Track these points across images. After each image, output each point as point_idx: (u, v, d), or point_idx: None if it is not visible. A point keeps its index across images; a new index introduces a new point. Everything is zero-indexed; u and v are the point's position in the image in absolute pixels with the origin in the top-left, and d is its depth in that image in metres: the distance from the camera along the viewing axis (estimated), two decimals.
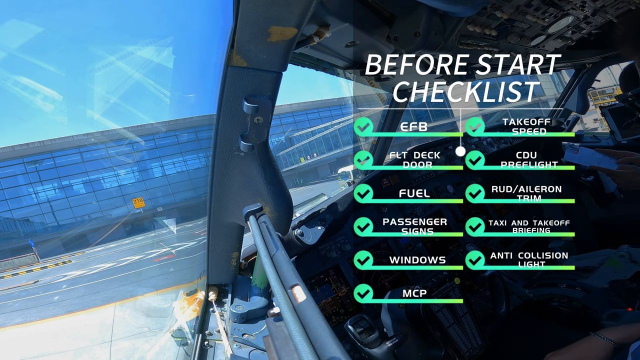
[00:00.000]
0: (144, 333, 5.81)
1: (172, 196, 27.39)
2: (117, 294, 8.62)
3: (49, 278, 13.87)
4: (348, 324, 1.26)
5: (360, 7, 1.03)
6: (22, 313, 8.79)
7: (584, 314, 1.43)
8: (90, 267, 14.35)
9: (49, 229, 24.87)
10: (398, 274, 1.87)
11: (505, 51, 1.52)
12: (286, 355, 0.93)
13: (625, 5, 1.60)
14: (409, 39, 1.04)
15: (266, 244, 0.84)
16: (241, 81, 0.85)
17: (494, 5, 1.19)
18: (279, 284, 0.70)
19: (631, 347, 0.96)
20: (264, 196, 1.05)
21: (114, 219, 25.71)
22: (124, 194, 26.36)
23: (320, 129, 29.90)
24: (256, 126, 0.92)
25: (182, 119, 27.33)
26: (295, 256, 1.66)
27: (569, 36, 1.73)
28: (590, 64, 2.41)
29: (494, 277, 1.50)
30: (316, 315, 0.61)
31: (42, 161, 25.29)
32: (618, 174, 1.47)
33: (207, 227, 1.18)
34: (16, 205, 24.74)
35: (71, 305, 8.66)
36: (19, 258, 20.44)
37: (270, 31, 0.76)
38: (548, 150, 2.06)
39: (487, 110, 11.12)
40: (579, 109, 2.55)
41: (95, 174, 26.42)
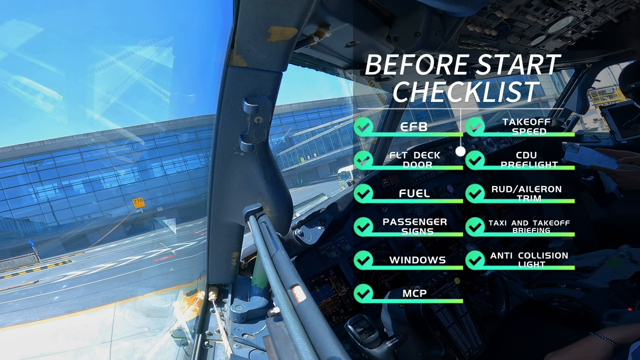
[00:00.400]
0: (144, 333, 5.81)
1: (172, 196, 27.39)
2: (117, 294, 8.62)
3: (49, 278, 13.87)
4: (348, 324, 1.26)
5: (360, 7, 1.03)
6: (22, 313, 8.79)
7: (584, 314, 1.43)
8: (90, 267, 14.35)
9: (49, 229, 24.87)
10: (398, 274, 1.87)
11: (505, 51, 1.52)
12: (286, 355, 0.93)
13: (625, 5, 1.60)
14: (409, 39, 1.04)
15: (266, 244, 0.84)
16: (241, 81, 0.85)
17: (494, 5, 1.19)
18: (279, 284, 0.70)
19: (631, 347, 0.96)
20: (264, 196, 1.04)
21: (114, 219, 25.71)
22: (124, 194, 26.36)
23: (320, 129, 29.90)
24: (256, 126, 0.92)
25: (182, 119, 27.36)
26: (295, 256, 1.66)
27: (569, 36, 1.73)
28: (590, 64, 2.41)
29: (494, 277, 1.50)
30: (316, 315, 0.61)
31: (42, 161, 25.29)
32: (618, 174, 1.47)
33: (207, 227, 1.18)
34: (16, 205, 24.73)
35: (71, 305, 8.66)
36: (19, 258, 20.44)
37: (270, 31, 0.76)
38: (548, 150, 2.06)
39: (487, 110, 11.13)
40: (579, 109, 2.55)
41: (95, 174, 26.41)
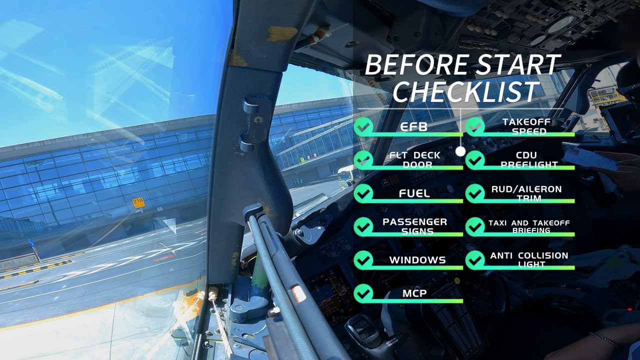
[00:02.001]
0: (144, 333, 5.81)
1: (172, 196, 27.39)
2: (117, 294, 8.63)
3: (49, 278, 13.87)
4: (348, 324, 1.26)
5: (360, 7, 1.03)
6: (22, 313, 8.79)
7: (584, 314, 1.43)
8: (90, 267, 14.35)
9: (49, 229, 24.88)
10: (398, 274, 1.87)
11: (505, 51, 1.52)
12: (286, 355, 0.93)
13: (625, 5, 1.60)
14: (409, 39, 1.04)
15: (266, 244, 0.84)
16: (241, 81, 0.85)
17: (494, 5, 1.19)
18: (279, 284, 0.70)
19: (631, 347, 0.95)
20: (264, 196, 1.04)
21: (114, 219, 25.72)
22: (124, 194, 26.36)
23: (320, 129, 29.90)
24: (256, 126, 0.92)
25: (182, 119, 27.34)
26: (295, 256, 1.66)
27: (569, 36, 1.73)
28: (590, 64, 2.41)
29: (494, 277, 1.50)
30: (316, 315, 0.61)
31: (42, 161, 25.30)
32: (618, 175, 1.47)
33: (207, 227, 1.18)
34: (16, 205, 24.74)
35: (71, 305, 8.67)
36: (19, 258, 20.44)
37: (270, 31, 0.76)
38: (548, 150, 2.07)
39: (487, 110, 11.12)
40: (579, 109, 2.55)
41: (95, 174, 26.42)
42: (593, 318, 1.40)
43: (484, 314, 1.56)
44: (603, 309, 1.42)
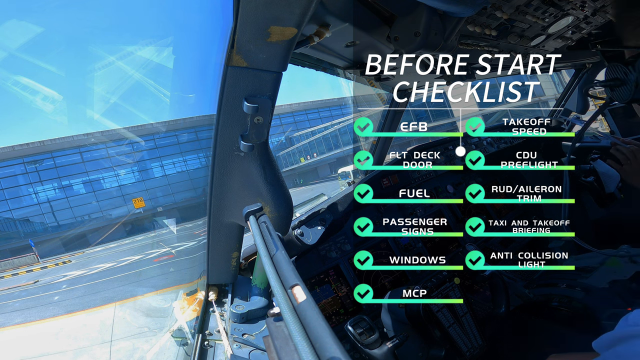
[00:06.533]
0: (144, 333, 5.81)
1: (172, 196, 27.39)
2: (117, 294, 8.63)
3: (49, 278, 13.87)
4: (348, 325, 1.26)
5: (360, 7, 1.03)
6: (22, 313, 8.79)
7: (584, 314, 1.43)
8: (90, 267, 14.35)
9: (49, 229, 24.88)
10: (398, 274, 1.87)
11: (505, 51, 1.52)
12: (286, 355, 0.93)
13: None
14: (409, 39, 1.04)
15: (266, 244, 0.84)
16: (241, 81, 0.85)
17: (494, 5, 1.19)
18: (279, 284, 0.70)
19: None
20: (264, 196, 1.04)
21: (114, 219, 25.73)
22: (124, 194, 26.37)
23: (320, 129, 29.89)
24: (256, 126, 0.92)
25: (182, 119, 27.37)
26: (295, 256, 1.66)
27: (569, 36, 1.72)
28: (590, 64, 2.41)
29: (494, 277, 1.50)
30: (316, 315, 0.60)
31: (42, 161, 25.29)
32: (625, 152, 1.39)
33: (207, 227, 1.18)
34: (16, 205, 24.74)
35: (71, 305, 8.67)
36: (19, 258, 20.45)
37: (270, 31, 0.76)
38: (548, 150, 2.06)
39: (487, 110, 11.12)
40: (579, 109, 2.55)
41: (95, 174, 26.42)
42: (593, 318, 1.40)
43: (484, 314, 1.56)
44: (603, 309, 1.42)
